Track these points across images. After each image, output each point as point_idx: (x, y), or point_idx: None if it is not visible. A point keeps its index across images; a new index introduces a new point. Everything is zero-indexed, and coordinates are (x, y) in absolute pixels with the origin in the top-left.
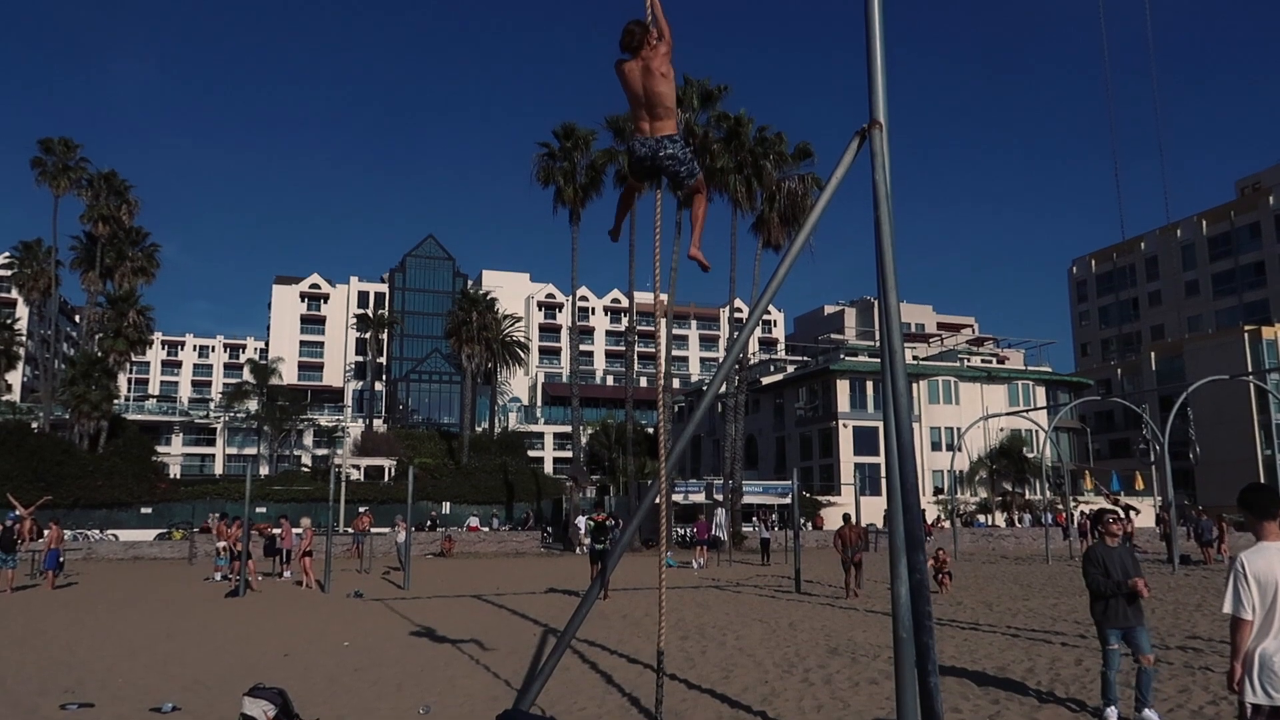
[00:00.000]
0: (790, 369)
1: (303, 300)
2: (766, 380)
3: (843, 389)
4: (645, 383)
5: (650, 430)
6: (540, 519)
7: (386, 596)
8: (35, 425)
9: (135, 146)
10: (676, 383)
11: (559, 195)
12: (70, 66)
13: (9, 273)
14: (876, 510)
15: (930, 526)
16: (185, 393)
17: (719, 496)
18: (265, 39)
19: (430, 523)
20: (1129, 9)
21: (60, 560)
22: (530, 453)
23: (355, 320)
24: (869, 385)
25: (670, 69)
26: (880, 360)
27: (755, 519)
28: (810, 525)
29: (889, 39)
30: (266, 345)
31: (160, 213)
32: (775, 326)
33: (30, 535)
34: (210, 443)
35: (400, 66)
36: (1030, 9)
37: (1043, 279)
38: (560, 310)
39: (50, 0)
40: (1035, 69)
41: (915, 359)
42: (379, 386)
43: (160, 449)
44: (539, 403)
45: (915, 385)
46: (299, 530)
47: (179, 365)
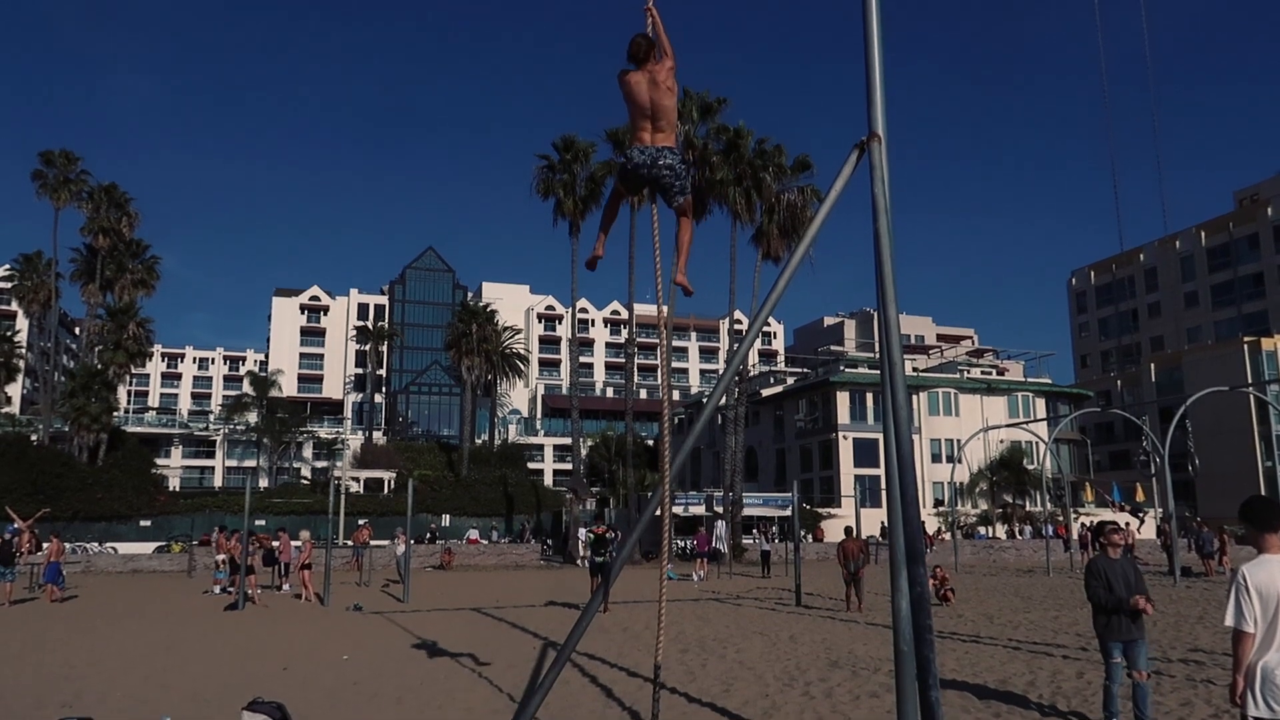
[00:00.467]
0: (790, 381)
1: (303, 312)
2: (766, 392)
3: (843, 401)
4: (645, 395)
5: (650, 442)
6: (540, 531)
7: (386, 610)
8: (34, 438)
9: (136, 158)
10: (676, 395)
11: (559, 207)
12: (71, 79)
13: (9, 285)
14: (877, 522)
15: (931, 538)
16: (185, 405)
17: (719, 509)
18: (265, 52)
19: (430, 535)
20: (1126, 22)
21: (62, 573)
22: (530, 465)
23: (355, 332)
24: (869, 397)
25: (674, 85)
26: (880, 372)
27: (755, 531)
28: (810, 537)
29: (888, 52)
30: (266, 357)
31: (160, 225)
32: (775, 338)
33: (29, 548)
34: (210, 455)
35: (400, 79)
36: (1028, 22)
37: (1042, 290)
38: (560, 322)
39: (51, 12)
40: (1033, 81)
41: (915, 371)
42: (379, 398)
43: (160, 461)
44: (539, 415)
45: (915, 397)
46: (298, 543)
47: (179, 378)
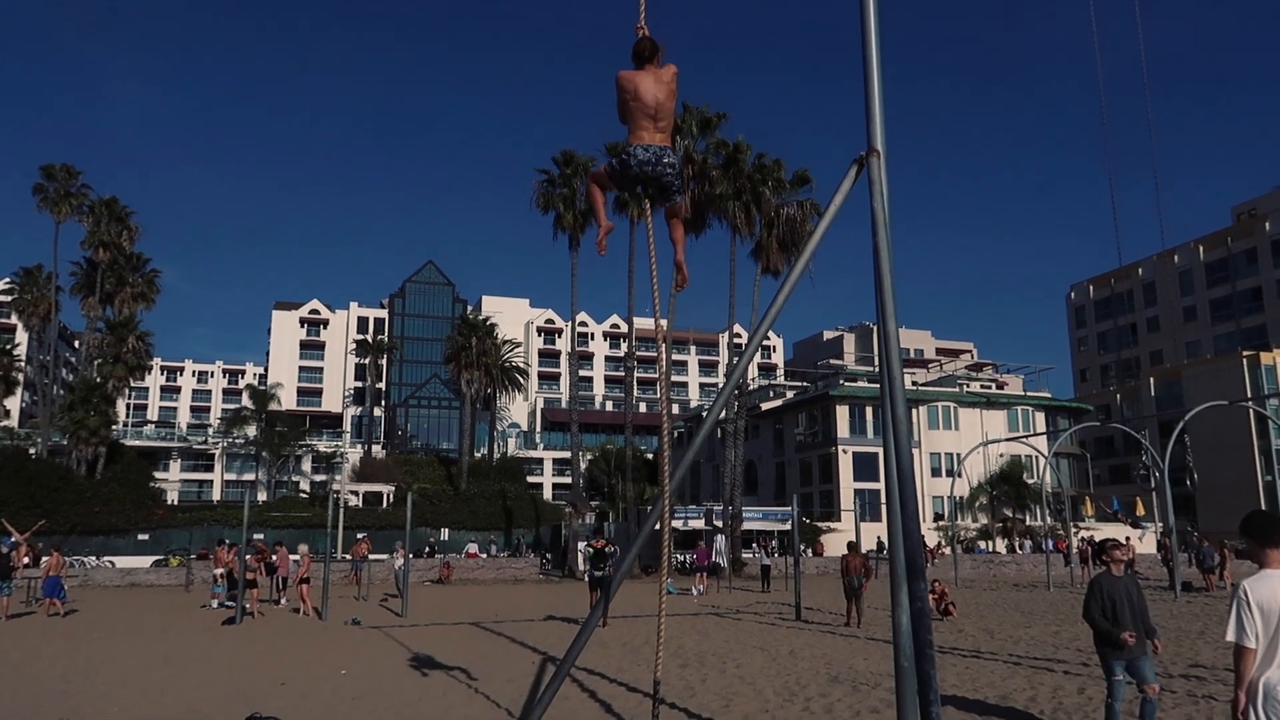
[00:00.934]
0: (790, 394)
1: (302, 326)
2: (766, 406)
3: (842, 414)
4: (644, 408)
5: (649, 456)
6: (539, 545)
7: (384, 624)
8: (33, 451)
9: (136, 172)
10: (676, 408)
11: (559, 221)
12: (72, 92)
13: (9, 298)
14: (876, 536)
15: (931, 552)
16: (184, 418)
17: (719, 522)
18: (266, 66)
19: (429, 549)
20: (1124, 37)
21: (63, 586)
22: (529, 478)
23: (355, 346)
24: (868, 411)
25: (676, 89)
26: (880, 386)
27: (755, 545)
28: (810, 551)
29: (886, 68)
30: (266, 371)
31: (160, 238)
32: (774, 352)
33: (27, 562)
34: (208, 469)
35: (401, 93)
36: (1027, 38)
37: (1041, 304)
38: (559, 336)
39: (52, 26)
40: (1032, 96)
41: (914, 384)
42: (378, 412)
43: (158, 475)
44: (538, 428)
45: (915, 411)
46: (296, 557)
47: (178, 391)
